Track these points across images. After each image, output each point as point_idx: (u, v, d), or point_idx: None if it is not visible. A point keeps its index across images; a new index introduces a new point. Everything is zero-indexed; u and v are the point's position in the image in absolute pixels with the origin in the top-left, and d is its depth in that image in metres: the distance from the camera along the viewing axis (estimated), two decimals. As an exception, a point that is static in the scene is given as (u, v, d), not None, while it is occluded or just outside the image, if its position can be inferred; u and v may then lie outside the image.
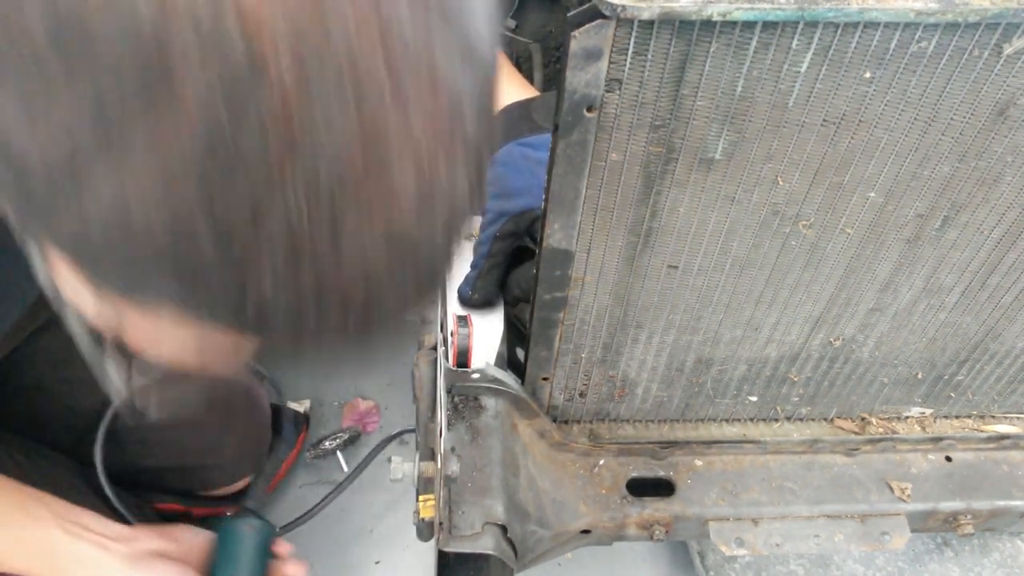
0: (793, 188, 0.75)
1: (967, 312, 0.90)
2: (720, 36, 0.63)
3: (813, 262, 0.83)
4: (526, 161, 0.93)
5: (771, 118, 0.69)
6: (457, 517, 0.86)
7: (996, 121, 0.70)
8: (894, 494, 0.97)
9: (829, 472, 0.99)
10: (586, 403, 0.98)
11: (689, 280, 0.84)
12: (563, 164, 0.71)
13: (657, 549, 1.43)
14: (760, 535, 0.95)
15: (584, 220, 0.76)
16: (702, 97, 0.67)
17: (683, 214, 0.77)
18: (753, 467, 0.99)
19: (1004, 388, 1.00)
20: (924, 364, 0.97)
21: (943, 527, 1.00)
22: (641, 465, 0.99)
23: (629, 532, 0.96)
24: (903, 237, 0.81)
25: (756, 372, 0.96)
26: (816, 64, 0.65)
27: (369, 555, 1.42)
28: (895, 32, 0.63)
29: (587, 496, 0.96)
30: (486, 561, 0.93)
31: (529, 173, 0.94)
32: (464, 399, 0.94)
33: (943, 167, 0.74)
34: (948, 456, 1.02)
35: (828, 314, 0.89)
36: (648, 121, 0.69)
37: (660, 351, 0.92)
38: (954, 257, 0.83)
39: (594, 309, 0.86)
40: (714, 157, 0.72)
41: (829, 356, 0.94)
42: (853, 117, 0.69)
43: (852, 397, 1.01)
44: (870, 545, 0.95)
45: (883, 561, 1.27)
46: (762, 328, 0.90)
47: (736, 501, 0.96)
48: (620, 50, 0.63)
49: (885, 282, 0.86)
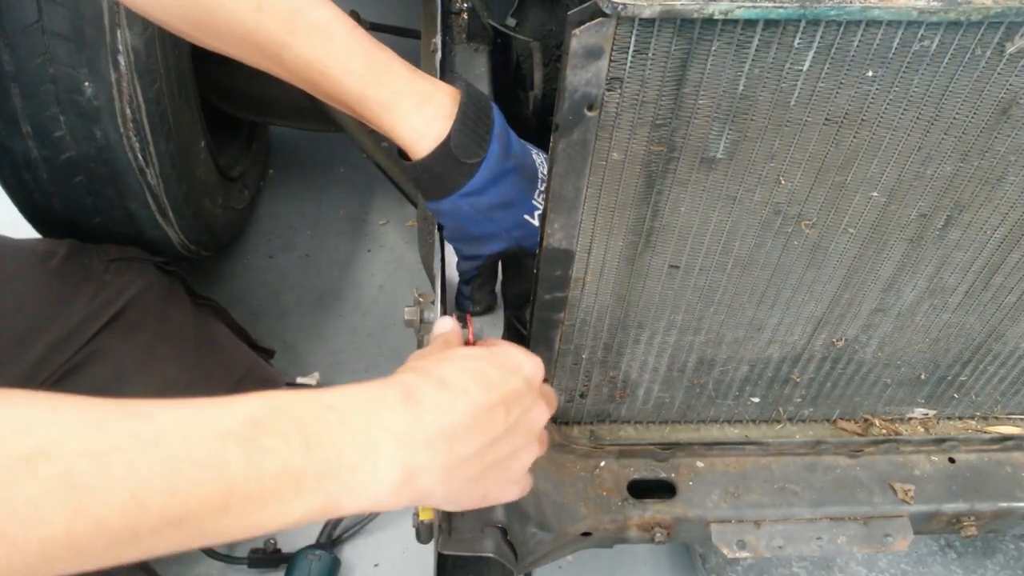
0: (795, 187, 0.75)
1: (970, 312, 0.89)
2: (722, 34, 0.62)
3: (815, 262, 0.82)
4: (477, 211, 0.83)
5: (773, 117, 0.69)
6: (457, 519, 0.85)
7: (999, 120, 0.70)
8: (897, 496, 0.97)
9: (832, 474, 0.99)
10: (587, 404, 0.98)
11: (691, 280, 0.83)
12: (564, 163, 0.70)
13: (658, 551, 1.43)
14: (762, 537, 0.95)
15: (585, 220, 0.76)
16: (704, 96, 0.67)
17: (685, 213, 0.76)
18: (755, 469, 0.99)
19: (1007, 389, 1.00)
20: (927, 365, 0.96)
21: (946, 529, 1.00)
22: (642, 467, 0.98)
23: (630, 534, 0.95)
24: (906, 237, 0.80)
25: (758, 373, 0.95)
26: (818, 63, 0.65)
27: (368, 558, 1.42)
28: (897, 31, 0.63)
29: (588, 498, 0.95)
30: (486, 564, 0.93)
31: (488, 221, 0.85)
32: (464, 400, 0.93)
33: (946, 166, 0.74)
34: (951, 458, 1.01)
35: (831, 314, 0.88)
36: (649, 120, 0.68)
37: (661, 352, 0.91)
38: (957, 257, 0.83)
39: (595, 309, 0.85)
40: (716, 156, 0.72)
41: (832, 357, 0.94)
42: (855, 116, 0.69)
43: (855, 398, 1.00)
44: (873, 547, 0.95)
45: (886, 563, 1.27)
46: (764, 328, 0.90)
47: (738, 503, 0.96)
48: (621, 48, 0.63)
49: (888, 282, 0.85)
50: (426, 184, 0.83)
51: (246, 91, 1.66)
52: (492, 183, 0.82)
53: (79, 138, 1.19)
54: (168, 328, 1.27)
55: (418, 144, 0.79)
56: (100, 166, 1.23)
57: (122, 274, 1.26)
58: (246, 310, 1.72)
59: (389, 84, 0.79)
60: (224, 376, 1.29)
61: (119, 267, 1.27)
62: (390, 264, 1.86)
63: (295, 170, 2.02)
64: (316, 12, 0.77)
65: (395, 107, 0.79)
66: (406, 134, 0.80)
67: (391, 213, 1.94)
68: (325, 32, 0.77)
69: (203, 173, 1.45)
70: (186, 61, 1.32)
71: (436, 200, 0.83)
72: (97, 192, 1.27)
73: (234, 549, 1.41)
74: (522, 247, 0.88)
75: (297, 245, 1.87)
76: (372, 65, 0.78)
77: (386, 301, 1.79)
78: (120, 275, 1.25)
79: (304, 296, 1.78)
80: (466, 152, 0.79)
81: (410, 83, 0.80)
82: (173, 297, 1.33)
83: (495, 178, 0.82)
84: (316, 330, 1.72)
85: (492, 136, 0.81)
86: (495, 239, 0.87)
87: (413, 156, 0.81)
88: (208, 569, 1.39)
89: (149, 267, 1.31)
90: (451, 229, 0.88)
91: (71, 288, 1.19)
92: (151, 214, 1.32)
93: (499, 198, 0.83)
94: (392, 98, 0.79)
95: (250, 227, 1.89)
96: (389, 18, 1.82)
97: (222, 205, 1.57)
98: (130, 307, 1.22)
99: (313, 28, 0.77)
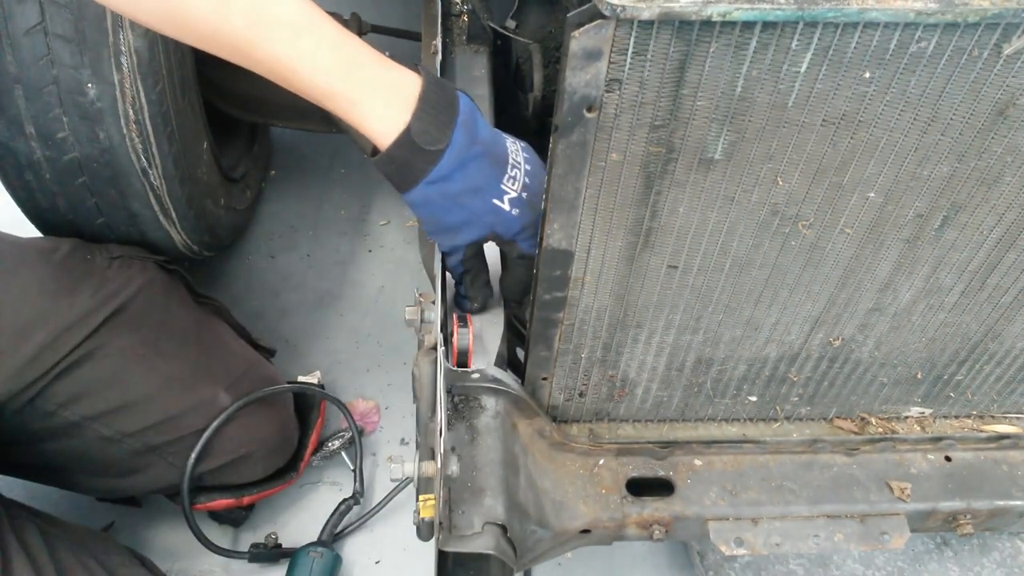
0: (793, 188, 0.75)
1: (966, 312, 0.90)
2: (720, 36, 0.63)
3: (813, 262, 0.83)
4: (446, 198, 0.83)
5: (771, 118, 0.69)
6: (457, 517, 0.86)
7: (996, 121, 0.70)
8: (894, 494, 0.97)
9: (829, 472, 0.99)
10: (586, 403, 0.99)
11: (689, 280, 0.84)
12: (563, 164, 0.71)
13: (656, 549, 1.43)
14: (760, 535, 0.95)
15: (584, 220, 0.76)
16: (702, 97, 0.67)
17: (683, 214, 0.77)
18: (753, 467, 0.99)
19: (1003, 388, 1.00)
20: (923, 364, 0.97)
21: (943, 527, 1.00)
22: (641, 465, 0.99)
23: (629, 532, 0.96)
24: (903, 237, 0.81)
25: (756, 372, 0.96)
26: (816, 64, 0.65)
27: (369, 555, 1.42)
28: (895, 32, 0.64)
29: (587, 496, 0.96)
30: (486, 561, 0.93)
31: (459, 208, 0.84)
32: (464, 399, 0.94)
33: (943, 167, 0.74)
34: (948, 456, 1.02)
35: (828, 314, 0.89)
36: (648, 121, 0.69)
37: (660, 351, 0.92)
38: (953, 257, 0.83)
39: (594, 309, 0.86)
40: (714, 157, 0.72)
41: (829, 356, 0.95)
42: (853, 117, 0.69)
43: (852, 397, 1.01)
44: (870, 545, 0.95)
45: (883, 561, 1.27)
46: (762, 328, 0.90)
47: (736, 501, 0.96)
48: (620, 50, 0.63)
49: (885, 282, 0.86)
50: (394, 175, 0.83)
51: (248, 92, 1.66)
52: (459, 168, 0.82)
53: (82, 139, 1.20)
54: (170, 324, 1.28)
55: (385, 137, 0.80)
56: (103, 167, 1.23)
57: (124, 271, 1.26)
58: (247, 309, 1.73)
59: (355, 78, 0.79)
60: (225, 373, 1.30)
61: (121, 264, 1.27)
62: (390, 264, 1.86)
63: (296, 171, 2.02)
64: (280, 7, 0.77)
65: (361, 100, 0.79)
66: (374, 127, 0.80)
67: (392, 213, 1.95)
68: (291, 27, 0.77)
69: (205, 174, 1.45)
70: (189, 62, 1.33)
71: (406, 191, 0.83)
72: (100, 193, 1.27)
73: (235, 544, 1.42)
74: (497, 234, 0.88)
75: (298, 245, 1.88)
76: (339, 59, 0.79)
77: (386, 301, 1.79)
78: (122, 271, 1.26)
79: (305, 296, 1.79)
80: (428, 139, 0.80)
81: (376, 75, 0.80)
82: (175, 295, 1.33)
83: (461, 163, 0.82)
84: (317, 329, 1.73)
85: (456, 123, 0.80)
86: (468, 226, 0.87)
87: (381, 149, 0.81)
88: (210, 564, 1.39)
89: (151, 265, 1.32)
90: (426, 221, 0.88)
91: (73, 282, 1.19)
92: (154, 215, 1.33)
93: (467, 183, 0.83)
94: (357, 92, 0.79)
95: (252, 227, 1.89)
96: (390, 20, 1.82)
97: (224, 206, 1.58)
98: (132, 303, 1.23)
99: (279, 23, 0.77)
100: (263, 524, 1.44)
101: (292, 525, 1.45)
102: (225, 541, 1.42)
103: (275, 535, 1.39)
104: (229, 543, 1.42)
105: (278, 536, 1.40)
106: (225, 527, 1.43)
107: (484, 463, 0.90)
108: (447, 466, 0.82)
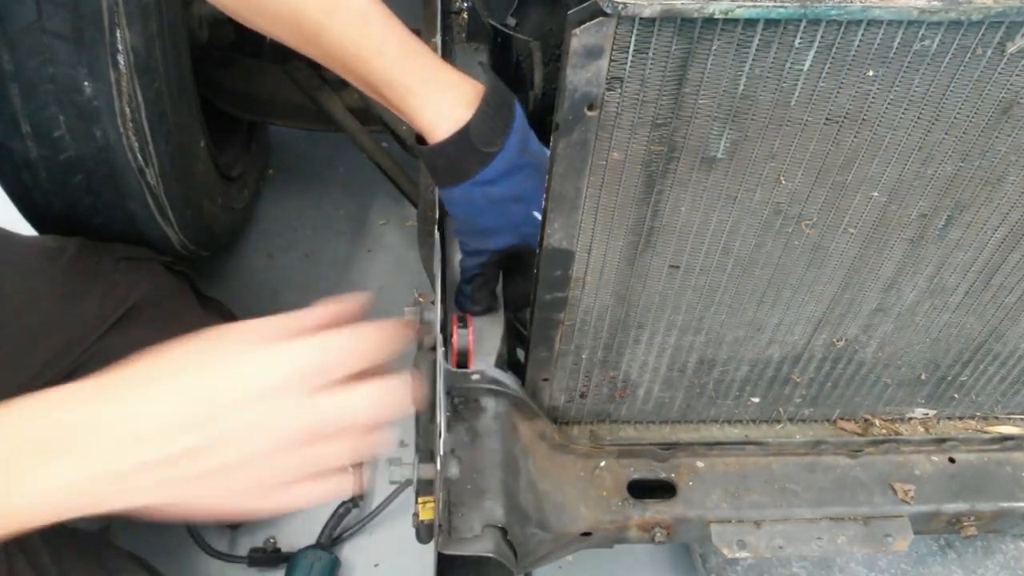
0: (796, 187, 0.75)
1: (971, 312, 0.89)
2: (722, 34, 0.62)
3: (816, 262, 0.82)
4: (489, 201, 0.85)
5: (773, 117, 0.69)
6: (457, 519, 0.85)
7: (1000, 120, 0.70)
8: (897, 496, 0.97)
9: (832, 474, 0.99)
10: (587, 404, 0.98)
11: (691, 280, 0.83)
12: (564, 163, 0.70)
13: (658, 551, 1.43)
14: (762, 537, 0.95)
15: (585, 219, 0.76)
16: (704, 95, 0.67)
17: (685, 213, 0.76)
18: (755, 469, 0.99)
19: (1008, 389, 1.00)
20: (927, 365, 0.96)
21: (946, 529, 1.00)
22: (642, 467, 0.98)
23: (630, 534, 0.95)
24: (906, 237, 0.80)
25: (758, 373, 0.95)
26: (819, 62, 0.65)
27: (368, 558, 1.42)
28: (898, 30, 0.63)
29: (588, 498, 0.95)
30: (486, 564, 0.92)
31: (498, 213, 0.86)
32: (464, 400, 0.93)
33: (946, 166, 0.74)
34: (951, 458, 1.01)
35: (831, 314, 0.88)
36: (649, 120, 0.68)
37: (662, 352, 0.91)
38: (957, 257, 0.83)
39: (595, 309, 0.85)
40: (716, 156, 0.71)
41: (832, 357, 0.94)
42: (856, 116, 0.69)
43: (855, 398, 1.00)
44: (873, 547, 0.95)
45: (886, 563, 1.26)
46: (764, 328, 0.90)
47: (738, 503, 0.96)
48: (621, 48, 0.63)
49: (888, 282, 0.85)
50: (441, 169, 0.84)
51: (246, 91, 1.65)
52: (506, 175, 0.83)
53: (78, 138, 1.19)
54: (177, 327, 1.27)
55: (438, 128, 0.82)
56: (99, 166, 1.23)
57: (131, 273, 1.26)
58: (246, 310, 1.72)
59: (417, 69, 0.82)
60: None
61: (128, 266, 1.27)
62: (390, 264, 1.86)
63: (295, 170, 2.01)
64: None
65: (419, 91, 0.82)
66: (427, 118, 0.82)
67: (391, 213, 1.94)
68: (363, 16, 0.82)
69: (203, 173, 1.44)
70: (186, 61, 1.32)
71: (449, 187, 0.85)
72: (96, 192, 1.27)
73: (234, 548, 1.41)
74: (529, 245, 0.88)
75: (297, 245, 1.87)
76: (403, 50, 0.82)
77: (386, 301, 1.79)
78: (129, 274, 1.25)
79: (304, 296, 1.77)
80: (484, 140, 0.81)
81: (437, 71, 0.83)
82: (181, 297, 1.33)
83: (510, 170, 0.83)
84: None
85: (512, 129, 0.82)
86: (503, 233, 0.88)
87: (431, 141, 0.83)
88: (208, 568, 1.39)
89: (158, 267, 1.31)
90: (460, 220, 0.89)
91: (82, 286, 1.19)
92: (151, 214, 1.32)
93: (512, 191, 0.84)
94: (417, 82, 0.82)
95: (250, 227, 1.89)
96: (389, 18, 1.82)
97: (222, 205, 1.57)
98: (139, 306, 1.22)
99: (352, 11, 0.82)
100: (261, 528, 1.43)
101: (290, 528, 1.44)
102: (223, 545, 1.41)
103: (274, 539, 1.39)
104: (227, 547, 1.41)
105: (276, 540, 1.39)
106: (223, 531, 1.43)
107: (484, 465, 0.89)
108: (447, 468, 0.82)
